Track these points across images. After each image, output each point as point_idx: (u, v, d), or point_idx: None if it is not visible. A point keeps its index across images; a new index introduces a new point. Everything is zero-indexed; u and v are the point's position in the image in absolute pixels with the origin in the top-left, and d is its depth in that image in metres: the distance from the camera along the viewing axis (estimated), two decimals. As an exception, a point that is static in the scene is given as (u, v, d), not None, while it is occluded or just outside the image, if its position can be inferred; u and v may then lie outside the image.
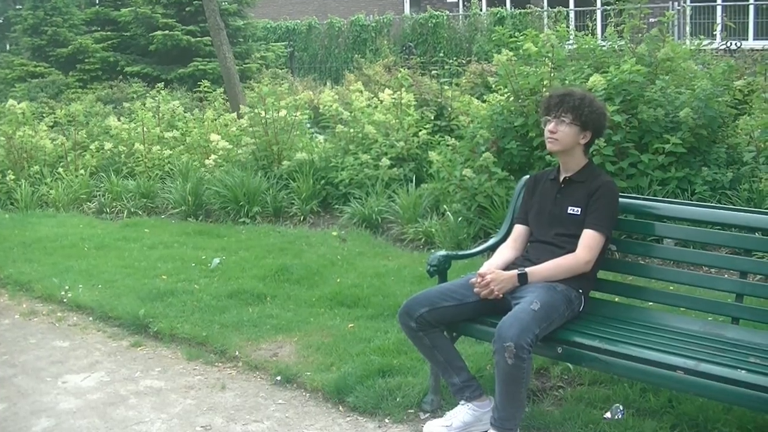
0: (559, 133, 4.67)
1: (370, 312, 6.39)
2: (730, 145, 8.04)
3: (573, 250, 4.60)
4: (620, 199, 4.92)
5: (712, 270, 6.32)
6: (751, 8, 23.96)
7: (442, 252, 4.99)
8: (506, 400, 4.26)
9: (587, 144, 4.73)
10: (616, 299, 5.32)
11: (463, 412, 4.62)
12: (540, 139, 8.20)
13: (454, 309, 4.61)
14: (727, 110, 8.15)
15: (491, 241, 5.26)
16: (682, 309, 5.09)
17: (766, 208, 6.78)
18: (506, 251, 4.91)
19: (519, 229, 4.95)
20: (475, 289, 4.57)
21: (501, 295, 4.54)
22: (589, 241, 4.57)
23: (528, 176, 5.11)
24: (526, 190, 4.99)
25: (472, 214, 8.06)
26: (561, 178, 4.80)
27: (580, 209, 4.64)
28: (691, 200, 7.30)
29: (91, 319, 6.89)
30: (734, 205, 6.99)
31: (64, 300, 7.23)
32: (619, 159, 7.79)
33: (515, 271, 4.57)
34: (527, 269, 4.58)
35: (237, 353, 5.89)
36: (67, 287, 7.42)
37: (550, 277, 4.54)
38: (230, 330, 6.23)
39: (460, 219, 8.07)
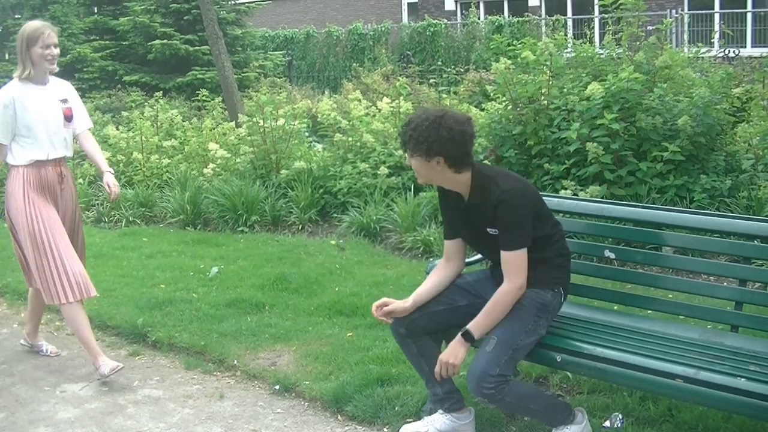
0: (414, 168, 4.40)
1: (368, 321, 6.37)
2: (729, 152, 8.05)
3: None
4: (619, 207, 4.93)
5: (712, 278, 6.32)
6: (749, 16, 24.01)
7: (441, 260, 4.97)
8: (537, 417, 4.47)
9: (453, 166, 4.30)
10: (615, 307, 5.32)
11: (440, 420, 4.63)
12: (538, 148, 8.21)
13: (445, 313, 4.57)
14: (725, 118, 8.16)
15: (490, 250, 5.25)
16: (681, 317, 5.09)
17: (765, 216, 6.77)
18: (434, 275, 4.69)
19: (449, 246, 4.68)
20: (436, 373, 4.41)
21: (458, 371, 4.34)
22: (511, 266, 4.28)
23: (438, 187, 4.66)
24: (442, 202, 4.71)
25: (470, 223, 8.04)
26: (463, 199, 4.50)
27: (496, 230, 4.33)
28: (690, 208, 7.29)
29: (89, 328, 6.87)
30: (733, 213, 7.00)
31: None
32: (618, 167, 7.80)
33: (460, 342, 4.32)
34: (468, 327, 4.31)
35: (235, 362, 5.87)
36: (65, 296, 7.40)
37: (494, 321, 4.29)
38: (228, 339, 6.22)
39: (458, 227, 8.05)
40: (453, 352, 4.33)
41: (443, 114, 4.31)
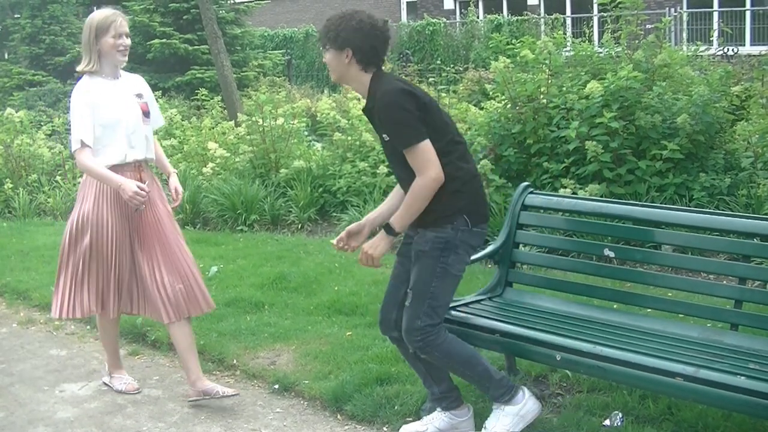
0: (328, 63, 4.44)
1: (368, 320, 6.37)
2: (728, 150, 8.05)
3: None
4: (618, 206, 4.93)
5: (711, 276, 6.32)
6: (748, 14, 24.03)
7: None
8: (470, 382, 4.57)
9: (360, 62, 4.34)
10: (615, 306, 5.31)
11: (439, 418, 4.64)
12: (537, 146, 8.21)
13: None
14: (724, 116, 8.16)
15: (489, 249, 5.26)
16: (680, 315, 5.09)
17: (764, 214, 6.77)
18: (390, 199, 4.75)
19: None
20: (359, 261, 4.51)
21: (379, 263, 4.46)
22: (415, 162, 4.22)
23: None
24: None
25: (470, 221, 8.04)
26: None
27: (385, 135, 4.35)
28: (689, 206, 7.29)
29: (88, 327, 6.87)
30: (732, 211, 7.00)
31: (62, 309, 7.20)
32: (617, 165, 7.79)
33: (382, 233, 4.39)
34: (390, 222, 4.35)
35: (235, 361, 5.87)
36: (64, 296, 7.39)
37: (412, 215, 4.27)
38: (228, 338, 6.21)
39: (458, 226, 8.05)
40: (374, 243, 4.41)
41: (359, 11, 4.40)
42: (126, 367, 5.84)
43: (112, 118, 5.10)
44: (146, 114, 5.32)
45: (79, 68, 5.19)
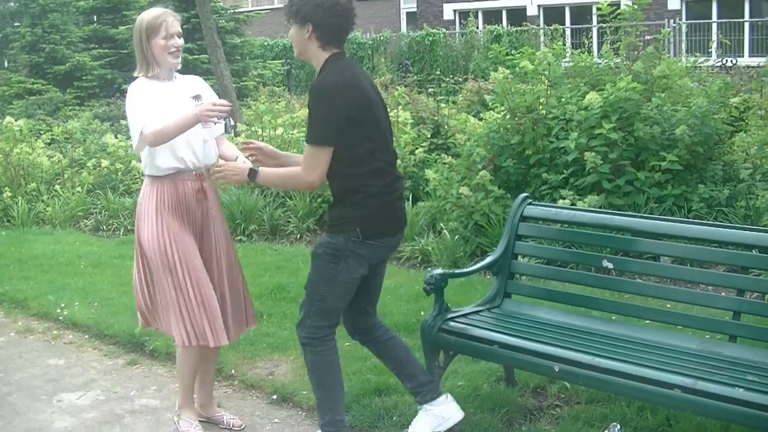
0: (291, 37, 4.47)
1: (366, 330, 6.36)
2: (727, 162, 8.06)
3: (332, 172, 4.36)
4: (617, 217, 4.93)
5: (710, 288, 6.32)
6: (747, 25, 24.06)
7: (439, 270, 4.97)
8: (315, 395, 4.67)
9: (320, 39, 4.35)
10: (613, 317, 5.32)
11: (421, 421, 4.69)
12: (537, 157, 8.22)
13: (361, 293, 4.62)
14: (723, 127, 8.17)
15: (488, 259, 5.27)
16: (679, 327, 5.09)
17: (762, 225, 6.77)
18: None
19: None
20: (213, 174, 4.65)
21: (229, 180, 4.63)
22: (304, 159, 4.34)
23: None
24: None
25: (468, 233, 8.05)
26: None
27: None
28: (688, 217, 7.30)
29: (86, 337, 6.87)
30: (731, 223, 7.01)
31: (60, 318, 7.21)
32: (616, 176, 7.80)
33: (247, 166, 4.51)
34: (260, 168, 4.50)
35: (233, 372, 5.87)
36: (63, 305, 7.41)
37: (276, 183, 4.55)
38: (226, 348, 6.17)
39: (456, 237, 8.06)
40: (235, 168, 4.57)
41: None
42: (124, 377, 5.83)
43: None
44: None
45: (136, 73, 4.90)
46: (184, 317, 4.75)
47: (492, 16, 29.50)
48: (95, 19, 25.03)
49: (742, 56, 21.48)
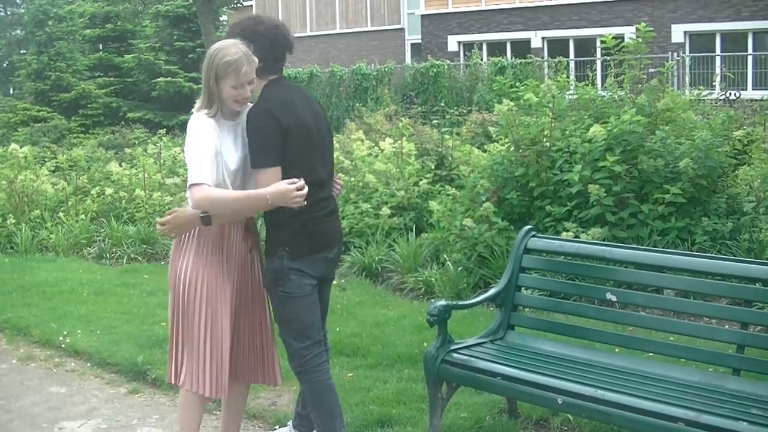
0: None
1: (369, 361, 6.36)
2: (730, 195, 8.06)
3: None
4: (621, 250, 4.93)
5: (713, 321, 6.31)
6: (750, 59, 24.17)
7: (442, 302, 4.97)
8: (314, 418, 4.70)
9: (262, 70, 4.44)
10: (617, 350, 5.31)
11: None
12: (540, 189, 8.23)
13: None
14: (726, 160, 8.19)
15: (491, 291, 5.27)
16: (682, 360, 5.08)
17: (766, 259, 6.77)
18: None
19: None
20: (158, 227, 4.49)
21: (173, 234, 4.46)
22: (258, 182, 4.33)
23: None
24: None
25: (472, 264, 8.05)
26: None
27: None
28: (692, 250, 7.30)
29: (89, 365, 6.86)
30: (734, 256, 7.00)
31: (62, 345, 7.20)
32: (620, 209, 7.80)
33: (198, 213, 4.28)
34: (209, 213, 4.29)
35: (235, 401, 5.84)
36: (65, 332, 7.39)
37: (217, 210, 4.23)
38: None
39: (460, 269, 8.06)
40: (179, 216, 4.40)
41: (261, 16, 4.61)
42: (125, 405, 5.81)
43: (234, 165, 4.42)
44: None
45: (197, 107, 4.47)
46: (184, 358, 4.52)
47: (496, 48, 29.63)
48: (101, 48, 25.22)
49: (746, 89, 21.57)
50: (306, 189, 4.22)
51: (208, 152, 4.26)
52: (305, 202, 4.24)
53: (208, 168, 4.23)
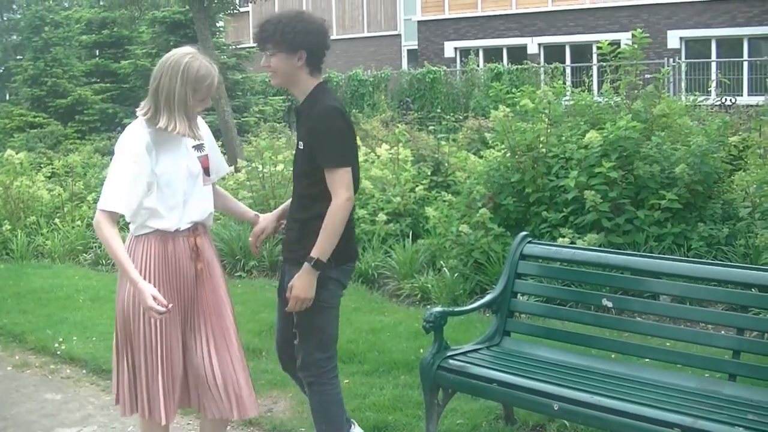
0: (272, 66, 4.31)
1: (365, 368, 6.35)
2: (726, 200, 8.06)
3: (313, 194, 4.29)
4: (617, 256, 4.93)
5: (709, 326, 6.31)
6: (745, 65, 24.21)
7: (439, 308, 4.97)
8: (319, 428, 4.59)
9: (311, 64, 4.31)
10: (613, 356, 5.30)
11: None
12: (536, 195, 8.23)
13: (287, 324, 4.60)
14: (722, 166, 8.19)
15: (487, 298, 5.26)
16: (678, 365, 5.07)
17: (762, 264, 6.77)
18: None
19: None
20: (290, 309, 4.36)
21: (310, 303, 4.31)
22: (332, 183, 4.18)
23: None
24: None
25: (468, 270, 8.04)
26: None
27: (303, 143, 4.31)
28: (688, 256, 7.30)
29: (84, 371, 6.84)
30: (730, 261, 7.01)
31: (58, 352, 7.19)
32: (615, 215, 7.80)
33: (307, 267, 4.22)
34: (312, 254, 4.20)
35: (231, 408, 5.83)
36: (60, 339, 7.38)
37: (331, 240, 4.16)
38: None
39: (456, 275, 8.06)
40: (303, 286, 4.24)
41: (301, 11, 4.42)
42: (111, 415, 5.78)
43: (171, 174, 4.23)
44: (206, 171, 4.41)
45: (141, 114, 4.32)
46: (131, 383, 4.28)
47: (493, 54, 29.65)
48: (97, 54, 25.21)
49: (741, 95, 21.57)
50: (163, 311, 4.00)
51: (128, 179, 4.13)
52: (158, 317, 4.03)
53: (125, 195, 4.14)
